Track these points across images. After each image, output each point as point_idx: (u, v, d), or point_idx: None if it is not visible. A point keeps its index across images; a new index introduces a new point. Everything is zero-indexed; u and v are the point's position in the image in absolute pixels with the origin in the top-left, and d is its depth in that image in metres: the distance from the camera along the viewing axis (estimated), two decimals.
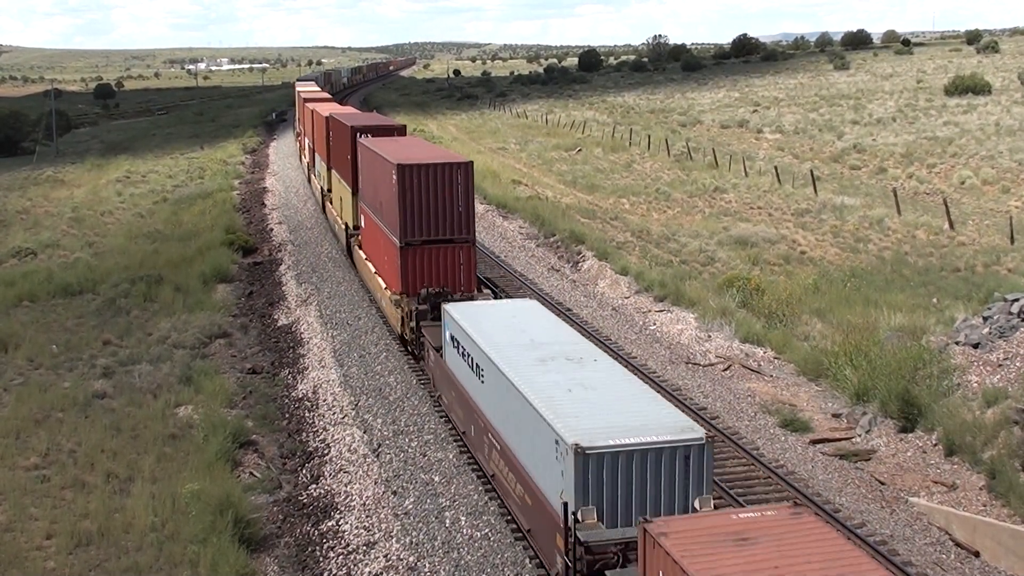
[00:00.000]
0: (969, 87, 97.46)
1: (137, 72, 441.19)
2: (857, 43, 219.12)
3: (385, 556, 17.34)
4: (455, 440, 21.45)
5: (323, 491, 20.33)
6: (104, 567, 17.30)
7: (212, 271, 38.27)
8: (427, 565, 16.90)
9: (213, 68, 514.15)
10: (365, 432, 22.54)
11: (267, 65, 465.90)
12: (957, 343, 23.42)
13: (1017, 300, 23.32)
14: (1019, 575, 17.01)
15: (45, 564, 17.40)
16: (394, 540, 17.79)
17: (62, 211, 54.80)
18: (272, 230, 47.84)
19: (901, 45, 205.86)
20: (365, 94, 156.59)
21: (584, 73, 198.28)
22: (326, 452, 22.12)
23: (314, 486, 20.71)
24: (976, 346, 22.88)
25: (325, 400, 25.04)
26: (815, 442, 21.99)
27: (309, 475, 21.33)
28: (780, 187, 56.35)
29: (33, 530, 18.48)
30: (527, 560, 16.70)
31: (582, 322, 30.14)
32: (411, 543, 17.61)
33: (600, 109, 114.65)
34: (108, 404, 24.82)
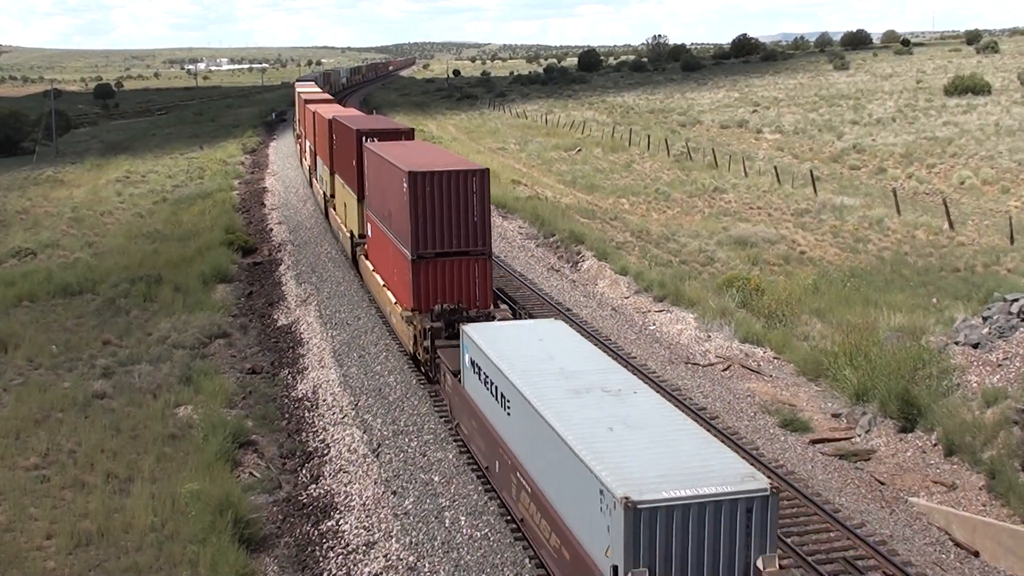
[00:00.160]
0: (969, 87, 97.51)
1: (137, 72, 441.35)
2: (857, 43, 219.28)
3: (385, 556, 17.35)
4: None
5: (323, 491, 20.34)
6: (104, 567, 17.31)
7: (212, 271, 38.28)
8: (427, 565, 16.90)
9: (213, 68, 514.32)
10: (365, 432, 22.54)
11: (267, 65, 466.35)
12: (957, 343, 23.42)
13: (1017, 300, 23.32)
14: (1019, 575, 17.01)
15: (45, 564, 17.41)
16: (394, 540, 17.79)
17: (62, 211, 54.82)
18: (272, 230, 47.86)
19: (901, 45, 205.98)
20: (364, 94, 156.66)
21: (584, 73, 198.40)
22: (326, 452, 22.13)
23: (314, 486, 20.71)
24: (976, 346, 22.88)
25: (325, 400, 25.04)
26: (815, 442, 22.00)
27: (309, 475, 21.33)
28: (780, 187, 56.35)
29: (33, 530, 18.48)
30: (527, 560, 16.72)
31: (582, 322, 30.16)
32: (411, 543, 17.61)
33: (600, 109, 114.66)
34: (108, 404, 24.82)
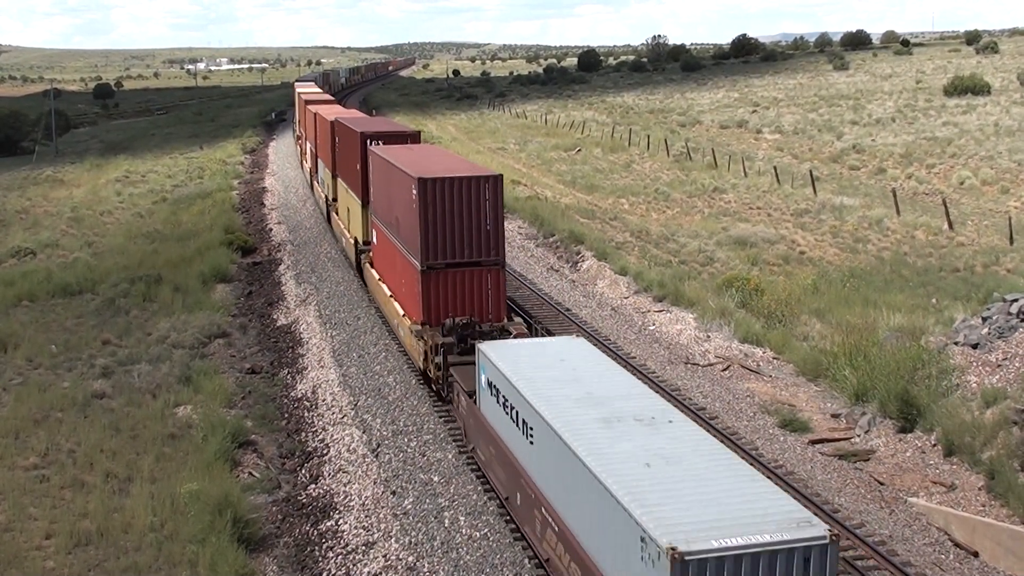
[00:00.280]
0: (968, 87, 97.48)
1: (136, 72, 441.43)
2: (856, 43, 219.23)
3: (384, 556, 17.35)
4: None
5: (322, 491, 20.33)
6: (103, 567, 17.30)
7: (211, 271, 38.28)
8: (426, 565, 16.90)
9: (212, 68, 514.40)
10: (364, 432, 22.54)
11: (266, 65, 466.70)
12: (956, 343, 23.42)
13: (1016, 300, 23.32)
14: (1019, 575, 17.02)
15: (44, 564, 17.40)
16: (393, 540, 17.79)
17: (61, 211, 54.83)
18: (271, 230, 47.86)
19: (900, 45, 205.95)
20: (364, 95, 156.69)
21: (583, 73, 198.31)
22: (325, 452, 22.12)
23: (313, 486, 20.70)
24: (975, 346, 22.89)
25: (324, 400, 25.04)
26: (814, 442, 22.00)
27: (308, 475, 21.33)
28: (779, 187, 56.34)
29: (32, 530, 18.48)
30: (526, 560, 16.72)
31: (581, 322, 30.16)
32: (410, 543, 17.61)
33: (599, 109, 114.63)
34: (107, 404, 24.82)
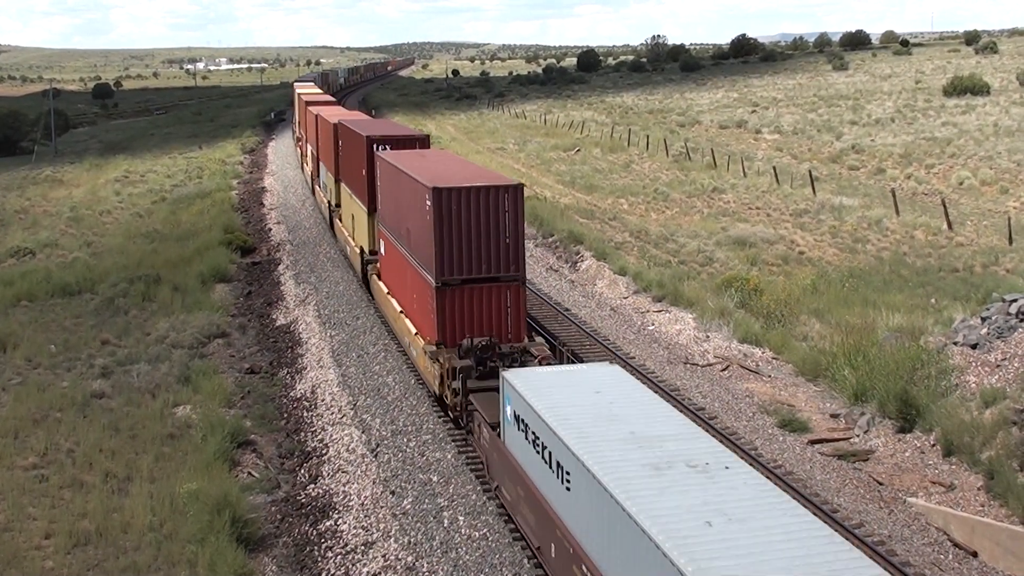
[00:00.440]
0: (968, 88, 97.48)
1: (136, 72, 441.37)
2: (856, 43, 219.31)
3: (383, 556, 17.35)
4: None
5: (321, 491, 20.33)
6: (102, 567, 17.31)
7: (210, 271, 38.27)
8: (425, 565, 16.90)
9: (212, 68, 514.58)
10: (363, 432, 22.54)
11: (266, 65, 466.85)
12: (955, 344, 23.43)
13: (1015, 301, 23.34)
14: (1017, 575, 17.02)
15: (43, 564, 17.41)
16: (392, 540, 17.79)
17: (60, 211, 54.82)
18: (270, 230, 47.86)
19: (900, 45, 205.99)
20: (363, 95, 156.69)
21: (583, 73, 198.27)
22: (324, 452, 22.12)
23: (312, 486, 20.70)
24: (974, 347, 22.90)
25: (323, 400, 25.04)
26: (813, 442, 22.00)
27: (307, 475, 21.33)
28: (779, 187, 56.34)
29: (31, 530, 18.48)
30: (525, 560, 16.71)
31: (581, 322, 30.17)
32: (409, 543, 17.61)
33: (599, 109, 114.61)
34: (106, 404, 24.82)
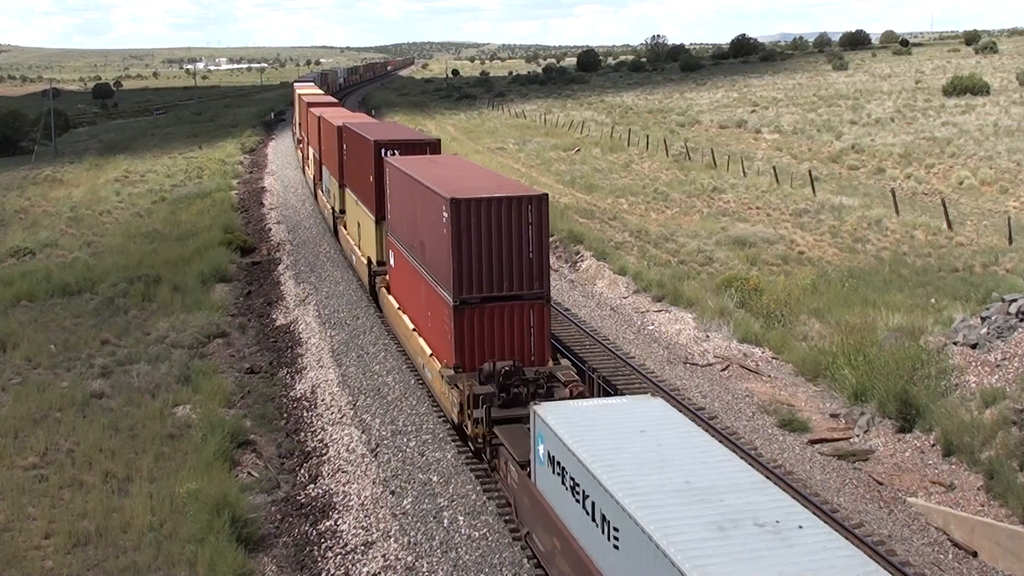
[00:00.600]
0: (967, 87, 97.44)
1: (136, 72, 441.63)
2: (855, 43, 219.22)
3: (383, 556, 17.35)
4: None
5: (321, 491, 20.33)
6: (102, 567, 17.31)
7: (210, 271, 38.27)
8: (425, 565, 16.90)
9: (211, 68, 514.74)
10: (363, 432, 22.54)
11: (265, 65, 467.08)
12: (955, 343, 23.44)
13: (1015, 301, 23.34)
14: (1017, 575, 17.02)
15: (43, 563, 17.41)
16: (392, 540, 17.79)
17: (60, 211, 54.82)
18: (270, 230, 47.85)
19: (899, 45, 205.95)
20: (363, 95, 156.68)
21: (582, 73, 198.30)
22: (324, 452, 22.12)
23: (312, 486, 20.70)
24: (974, 346, 22.90)
25: (323, 400, 25.04)
26: (813, 442, 22.00)
27: (307, 475, 21.33)
28: (778, 187, 56.32)
29: (31, 529, 18.48)
30: (525, 560, 16.71)
31: (580, 322, 30.16)
32: (409, 543, 17.61)
33: (598, 109, 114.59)
34: (106, 404, 24.83)
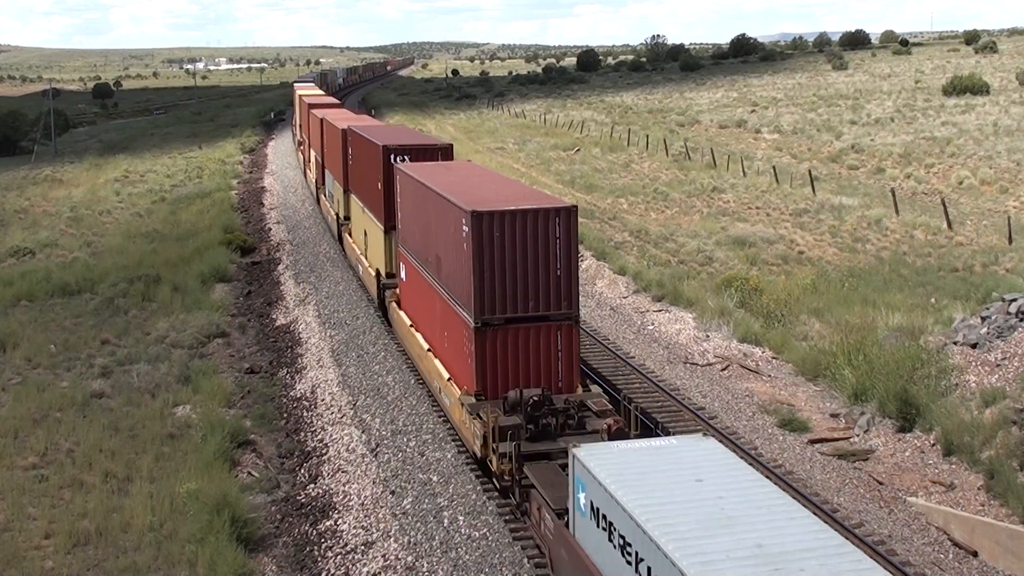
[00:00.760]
0: (967, 87, 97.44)
1: (135, 72, 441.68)
2: (855, 43, 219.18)
3: (383, 556, 17.34)
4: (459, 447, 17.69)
5: (321, 491, 20.33)
6: (102, 567, 17.30)
7: (210, 271, 38.28)
8: (425, 565, 16.89)
9: (211, 68, 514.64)
10: (363, 432, 22.53)
11: (265, 65, 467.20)
12: (955, 343, 23.43)
13: (1015, 300, 23.34)
14: (1017, 575, 17.02)
15: (43, 563, 17.41)
16: (392, 540, 17.78)
17: (60, 211, 54.82)
18: (270, 230, 47.85)
19: (899, 45, 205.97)
20: (363, 95, 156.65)
21: (582, 73, 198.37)
22: (324, 452, 22.12)
23: (312, 486, 20.70)
24: (974, 346, 22.89)
25: (323, 400, 25.04)
26: (813, 442, 22.00)
27: (307, 475, 21.33)
28: (778, 187, 56.32)
29: (31, 529, 18.48)
30: (525, 560, 16.71)
31: (580, 322, 30.09)
32: (409, 543, 17.61)
33: (598, 109, 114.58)
34: (106, 404, 24.83)
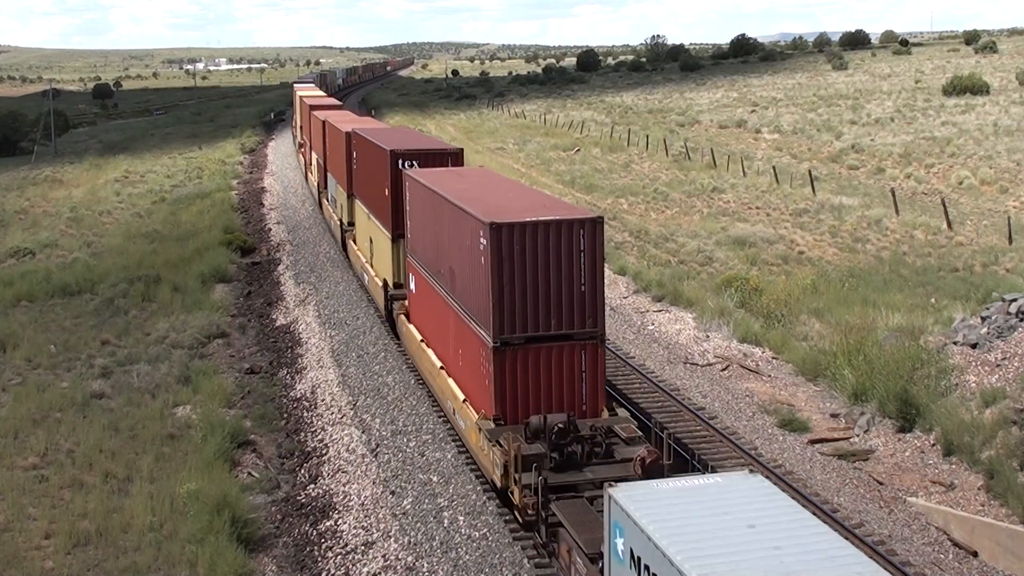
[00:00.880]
0: (967, 87, 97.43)
1: (135, 72, 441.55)
2: (855, 43, 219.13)
3: (383, 556, 17.35)
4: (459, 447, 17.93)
5: (321, 491, 20.33)
6: (102, 567, 17.30)
7: (210, 271, 38.27)
8: (425, 565, 16.90)
9: (211, 68, 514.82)
10: (363, 432, 22.54)
11: (265, 65, 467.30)
12: (955, 343, 23.43)
13: (1015, 300, 23.33)
14: (1017, 575, 17.02)
15: (43, 564, 17.40)
16: (392, 540, 17.79)
17: (60, 211, 54.82)
18: (270, 230, 47.85)
19: (899, 45, 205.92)
20: (363, 95, 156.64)
21: (582, 73, 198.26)
22: (324, 452, 22.12)
23: (312, 486, 20.70)
24: (974, 346, 22.89)
25: (323, 400, 25.04)
26: (813, 442, 22.00)
27: (307, 475, 21.33)
28: (778, 187, 56.32)
29: (31, 530, 18.48)
30: (525, 560, 16.71)
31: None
32: (409, 543, 17.61)
33: (598, 109, 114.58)
34: (106, 404, 24.82)
